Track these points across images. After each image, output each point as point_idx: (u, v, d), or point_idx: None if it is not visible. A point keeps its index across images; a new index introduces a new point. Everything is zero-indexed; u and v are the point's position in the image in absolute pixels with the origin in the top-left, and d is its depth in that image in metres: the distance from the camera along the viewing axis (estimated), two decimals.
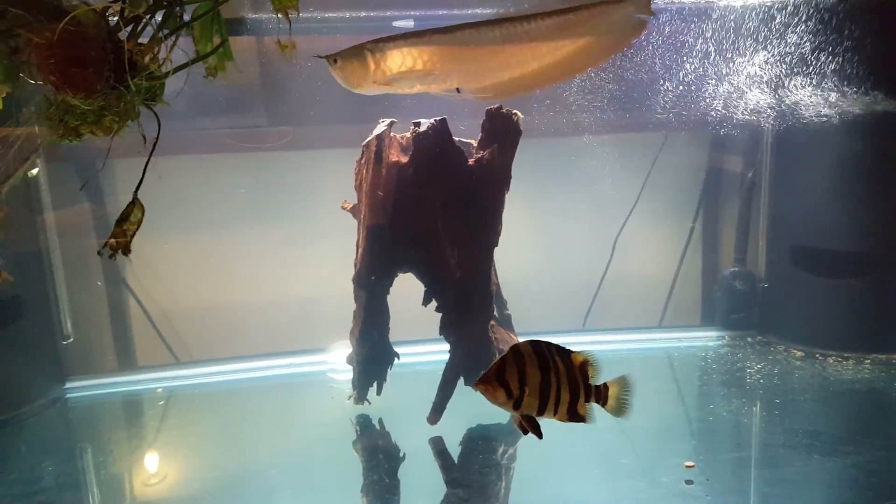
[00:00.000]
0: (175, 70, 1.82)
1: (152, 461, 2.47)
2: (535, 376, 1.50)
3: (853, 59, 2.83)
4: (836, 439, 2.41)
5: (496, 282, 2.78)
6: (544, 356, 1.53)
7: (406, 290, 2.56)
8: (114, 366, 3.32)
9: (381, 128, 2.53)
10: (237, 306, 3.40)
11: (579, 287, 3.58)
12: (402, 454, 2.43)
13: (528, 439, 1.52)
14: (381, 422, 2.62)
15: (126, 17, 1.73)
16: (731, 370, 3.05)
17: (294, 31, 1.95)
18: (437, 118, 2.44)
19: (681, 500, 2.03)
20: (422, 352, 3.02)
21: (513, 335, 2.74)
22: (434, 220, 2.45)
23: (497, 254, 2.57)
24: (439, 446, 2.42)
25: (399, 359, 2.64)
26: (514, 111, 2.49)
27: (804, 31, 2.85)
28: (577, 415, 1.57)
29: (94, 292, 3.27)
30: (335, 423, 2.66)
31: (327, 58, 1.92)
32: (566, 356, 1.55)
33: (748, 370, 3.03)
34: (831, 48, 2.84)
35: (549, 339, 1.58)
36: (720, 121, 3.12)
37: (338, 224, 2.74)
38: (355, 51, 1.90)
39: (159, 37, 1.79)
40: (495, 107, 2.47)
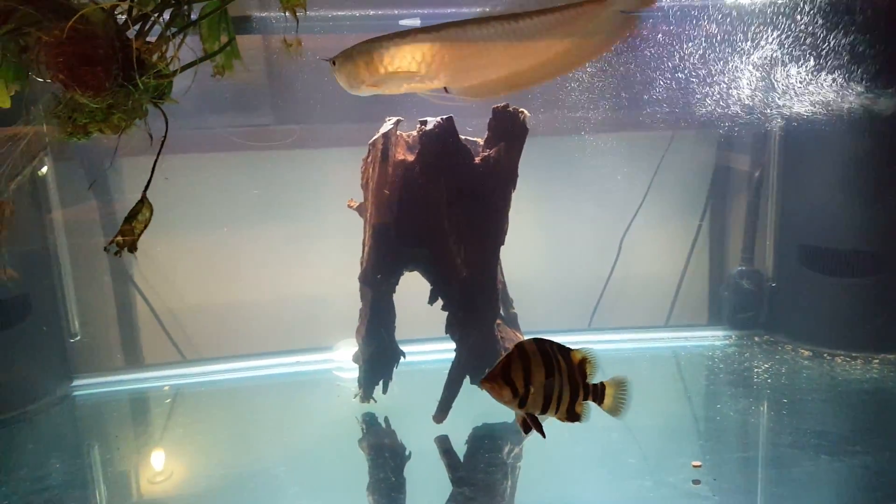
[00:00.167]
0: (183, 68, 1.82)
1: (159, 459, 2.48)
2: (539, 375, 1.50)
3: (862, 57, 2.81)
4: (844, 439, 2.39)
5: (502, 280, 2.78)
6: (548, 354, 1.53)
7: (412, 289, 2.56)
8: (121, 363, 3.33)
9: (387, 126, 2.53)
10: (243, 304, 3.41)
11: (585, 286, 3.58)
12: (407, 453, 2.43)
13: (534, 438, 1.51)
14: (386, 420, 2.62)
15: (134, 15, 1.73)
16: (738, 370, 3.04)
17: (301, 29, 1.95)
18: (443, 116, 2.43)
19: (688, 499, 2.03)
20: (428, 350, 3.02)
21: (519, 334, 2.73)
22: (440, 218, 2.45)
23: (503, 252, 2.56)
24: (445, 445, 2.42)
25: (405, 357, 2.64)
26: (521, 109, 2.48)
27: (813, 29, 2.83)
28: (574, 414, 1.57)
29: (102, 290, 3.28)
30: (341, 422, 2.66)
31: (330, 60, 1.94)
32: (566, 354, 1.55)
33: (755, 370, 3.01)
34: (840, 45, 2.82)
35: (555, 338, 1.58)
36: (727, 119, 3.11)
37: (344, 222, 2.74)
38: (348, 53, 1.92)
39: (167, 35, 1.80)
40: (502, 105, 2.46)
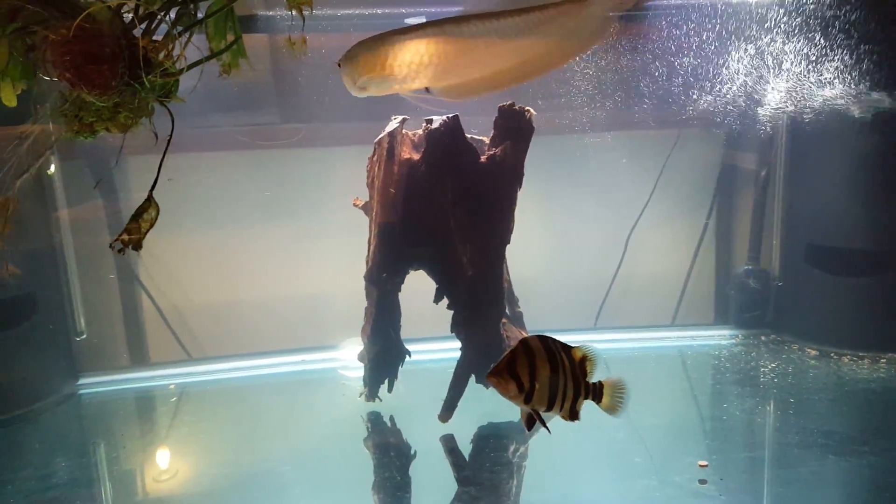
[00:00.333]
0: (189, 67, 1.82)
1: (164, 457, 2.48)
2: (544, 370, 1.50)
3: (870, 56, 2.80)
4: (851, 439, 2.38)
5: (508, 279, 2.78)
6: (552, 351, 1.53)
7: (418, 288, 2.55)
8: (126, 362, 3.34)
9: (393, 125, 2.52)
10: (249, 303, 3.42)
11: (591, 284, 3.57)
12: (413, 452, 2.43)
13: (540, 438, 1.52)
14: (392, 419, 2.62)
15: (141, 13, 1.73)
16: (744, 369, 3.03)
17: (307, 28, 1.95)
18: (449, 115, 2.42)
19: (694, 499, 2.02)
20: (433, 349, 3.02)
21: (524, 333, 2.73)
22: (446, 217, 2.45)
23: (509, 251, 2.56)
24: (450, 444, 2.41)
25: (410, 356, 2.64)
26: (526, 108, 2.47)
27: (819, 28, 2.82)
28: (575, 412, 1.57)
29: (108, 289, 3.29)
30: (346, 421, 2.66)
31: (337, 63, 2.00)
32: (569, 352, 1.56)
33: (762, 369, 3.00)
34: (847, 44, 2.81)
35: (560, 337, 1.58)
36: (734, 117, 3.10)
37: (350, 221, 2.74)
38: (345, 56, 1.97)
39: (173, 33, 1.80)
40: (508, 104, 2.46)
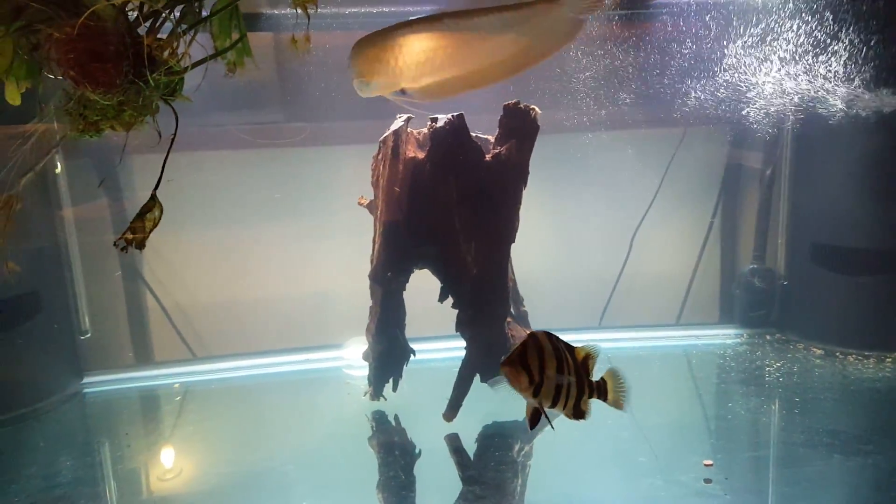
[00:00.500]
0: (194, 65, 1.82)
1: (169, 456, 2.48)
2: (552, 364, 1.52)
3: (875, 55, 2.79)
4: (856, 438, 2.38)
5: (512, 278, 2.77)
6: (558, 349, 1.54)
7: (422, 287, 2.55)
8: (131, 361, 3.34)
9: (398, 123, 2.52)
10: (253, 302, 3.42)
11: (596, 283, 3.56)
12: (417, 451, 2.43)
13: (544, 437, 1.51)
14: (396, 418, 2.62)
15: (145, 12, 1.73)
16: (749, 368, 3.02)
17: (311, 26, 1.95)
18: (454, 113, 2.42)
19: (699, 498, 2.01)
20: (438, 348, 3.01)
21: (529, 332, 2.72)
22: (450, 216, 2.44)
23: (514, 250, 2.55)
24: (455, 443, 2.41)
25: (415, 355, 2.63)
26: (532, 106, 2.47)
27: (825, 26, 2.81)
28: (579, 410, 1.57)
29: (112, 288, 3.29)
30: (351, 420, 2.66)
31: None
32: (572, 351, 1.57)
33: (767, 368, 3.00)
34: (852, 43, 2.80)
35: (565, 337, 1.59)
36: (739, 116, 3.09)
37: (354, 220, 2.74)
38: (349, 60, 2.00)
39: (178, 32, 1.80)
40: (513, 102, 2.45)
